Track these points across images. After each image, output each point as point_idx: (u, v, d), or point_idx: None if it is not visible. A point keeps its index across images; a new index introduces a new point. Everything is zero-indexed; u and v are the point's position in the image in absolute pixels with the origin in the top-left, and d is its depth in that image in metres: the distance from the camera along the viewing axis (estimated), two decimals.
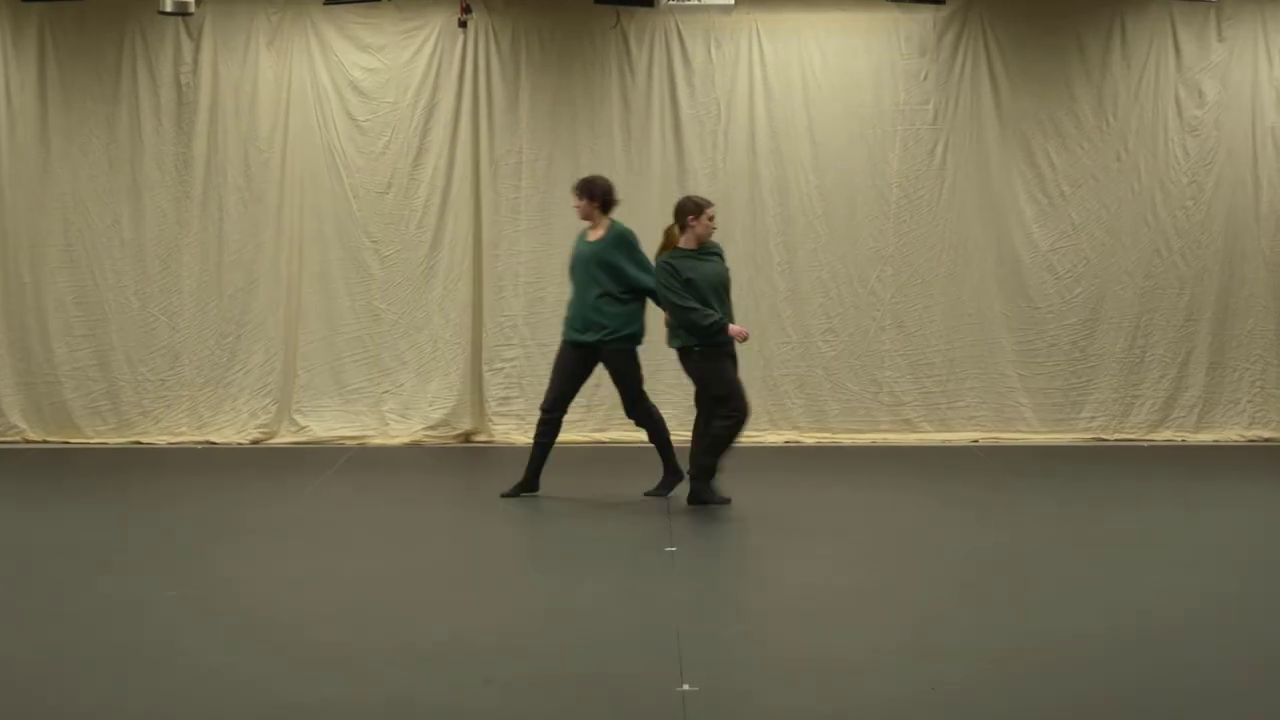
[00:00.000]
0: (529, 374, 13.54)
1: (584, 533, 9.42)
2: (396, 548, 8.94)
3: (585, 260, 10.22)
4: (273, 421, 13.52)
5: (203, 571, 8.22)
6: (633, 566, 8.46)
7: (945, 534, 9.33)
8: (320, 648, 6.65)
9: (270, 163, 13.51)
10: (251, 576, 8.11)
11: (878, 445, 13.50)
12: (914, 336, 13.75)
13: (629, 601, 7.56)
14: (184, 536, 9.23)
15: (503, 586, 7.94)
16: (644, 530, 9.41)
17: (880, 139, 13.66)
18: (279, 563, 8.48)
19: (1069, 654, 6.52)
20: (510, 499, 10.27)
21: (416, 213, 13.55)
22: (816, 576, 8.14)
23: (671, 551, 8.66)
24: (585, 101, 13.62)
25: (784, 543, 9.07)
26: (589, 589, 7.82)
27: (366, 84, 13.53)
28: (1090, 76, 13.65)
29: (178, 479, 11.74)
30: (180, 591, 7.70)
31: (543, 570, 8.55)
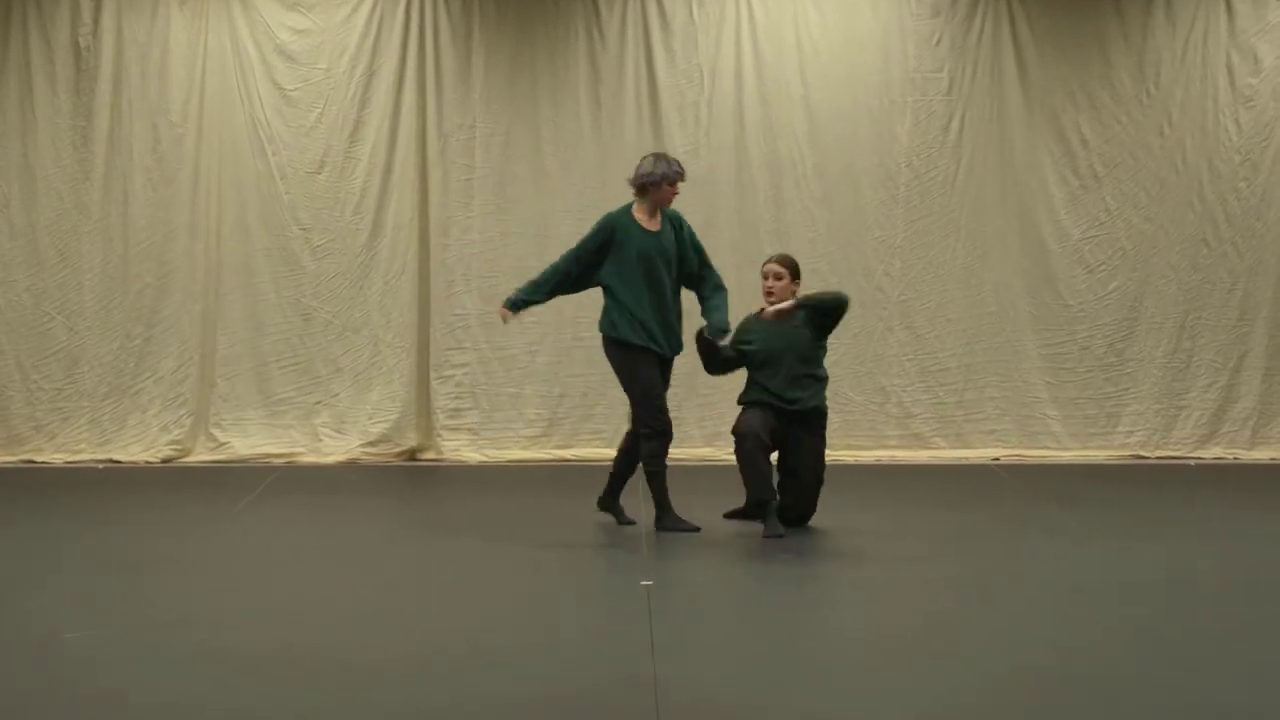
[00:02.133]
0: (484, 382, 13.48)
1: (550, 563, 9.27)
2: (328, 584, 8.76)
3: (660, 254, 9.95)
4: (187, 437, 13.39)
5: (104, 612, 8.02)
6: (604, 603, 8.34)
7: (957, 569, 9.20)
8: (242, 696, 6.46)
9: (184, 139, 13.39)
10: (155, 617, 7.91)
11: (884, 464, 13.47)
12: (926, 339, 13.72)
13: (599, 643, 7.42)
14: (82, 571, 9.03)
15: (453, 633, 7.75)
16: (617, 562, 9.32)
17: (887, 111, 13.62)
18: (189, 601, 8.27)
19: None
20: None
21: (354, 196, 13.45)
22: (810, 616, 8.04)
23: (648, 586, 8.52)
24: (548, 68, 13.55)
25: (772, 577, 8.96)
26: (554, 628, 7.68)
27: (295, 47, 13.43)
28: (1129, 39, 13.65)
29: (76, 504, 11.54)
30: (78, 634, 7.51)
31: (501, 611, 8.37)
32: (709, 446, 13.49)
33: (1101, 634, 7.47)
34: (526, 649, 7.23)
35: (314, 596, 8.42)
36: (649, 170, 9.79)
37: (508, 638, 7.49)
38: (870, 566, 9.24)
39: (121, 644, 7.39)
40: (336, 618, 7.89)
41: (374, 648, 7.27)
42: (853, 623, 7.91)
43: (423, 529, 10.48)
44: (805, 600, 8.42)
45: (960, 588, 8.59)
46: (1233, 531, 10.47)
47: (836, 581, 8.93)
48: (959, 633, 7.57)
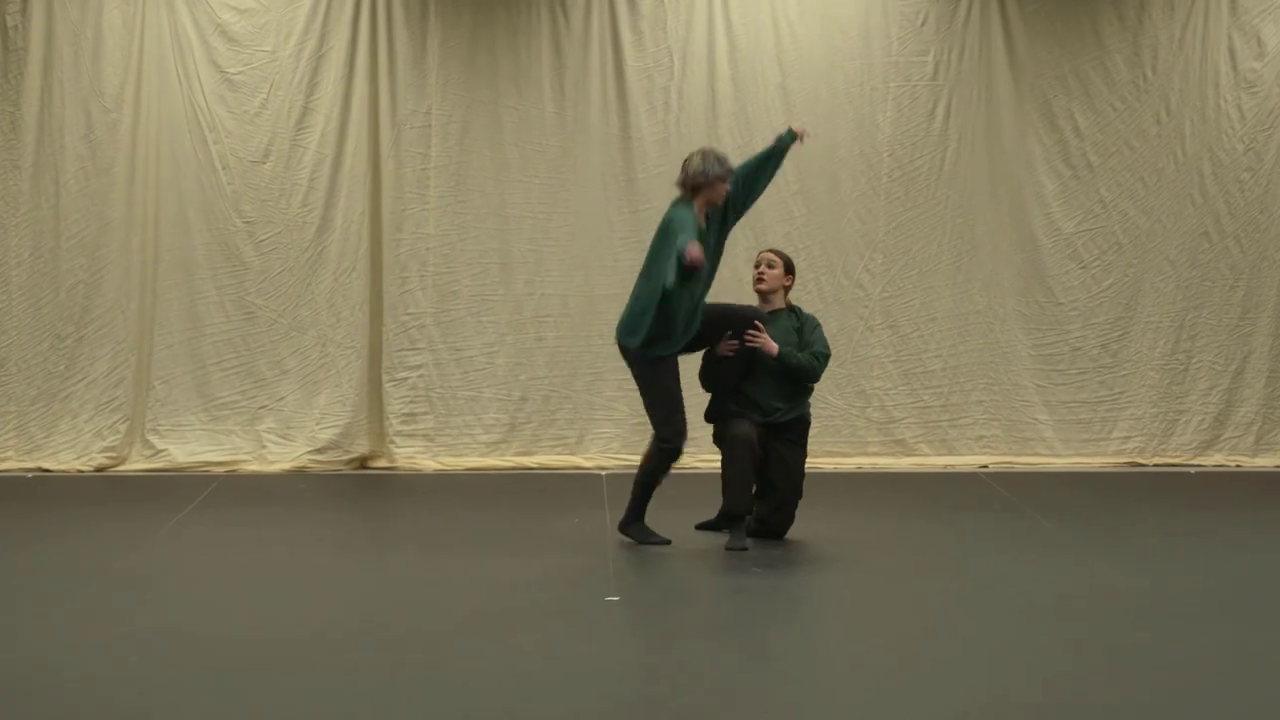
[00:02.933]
0: (439, 385, 13.42)
1: (506, 578, 9.19)
2: (269, 603, 8.68)
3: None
4: (122, 444, 13.28)
5: (26, 631, 7.89)
6: (566, 621, 8.23)
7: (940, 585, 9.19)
8: None
9: (119, 125, 13.27)
10: (80, 639, 7.79)
11: (865, 471, 13.46)
12: (909, 339, 13.69)
13: (563, 665, 7.31)
14: (3, 588, 8.93)
15: (403, 651, 7.64)
16: (579, 575, 9.25)
17: (869, 98, 13.58)
18: (117, 623, 8.18)
19: None
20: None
21: (301, 187, 13.35)
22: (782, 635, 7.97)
23: (613, 601, 8.48)
24: (509, 51, 13.46)
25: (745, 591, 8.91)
26: (513, 648, 7.55)
27: (238, 28, 13.31)
28: (1124, 21, 13.63)
29: (1, 516, 11.46)
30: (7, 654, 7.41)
31: (457, 632, 8.26)
32: None
33: (1091, 656, 7.43)
34: (486, 673, 7.13)
35: (248, 618, 8.33)
36: (700, 168, 9.70)
37: (465, 661, 7.41)
38: (848, 582, 9.24)
39: (44, 666, 7.27)
40: (274, 640, 7.79)
41: (314, 673, 7.16)
42: (828, 642, 7.88)
43: (372, 543, 10.51)
44: (778, 618, 8.37)
45: (943, 605, 8.59)
46: (1235, 545, 10.48)
47: (812, 598, 8.91)
48: (940, 654, 7.53)
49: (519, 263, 13.44)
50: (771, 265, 10.15)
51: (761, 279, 10.10)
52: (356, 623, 8.20)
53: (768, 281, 10.10)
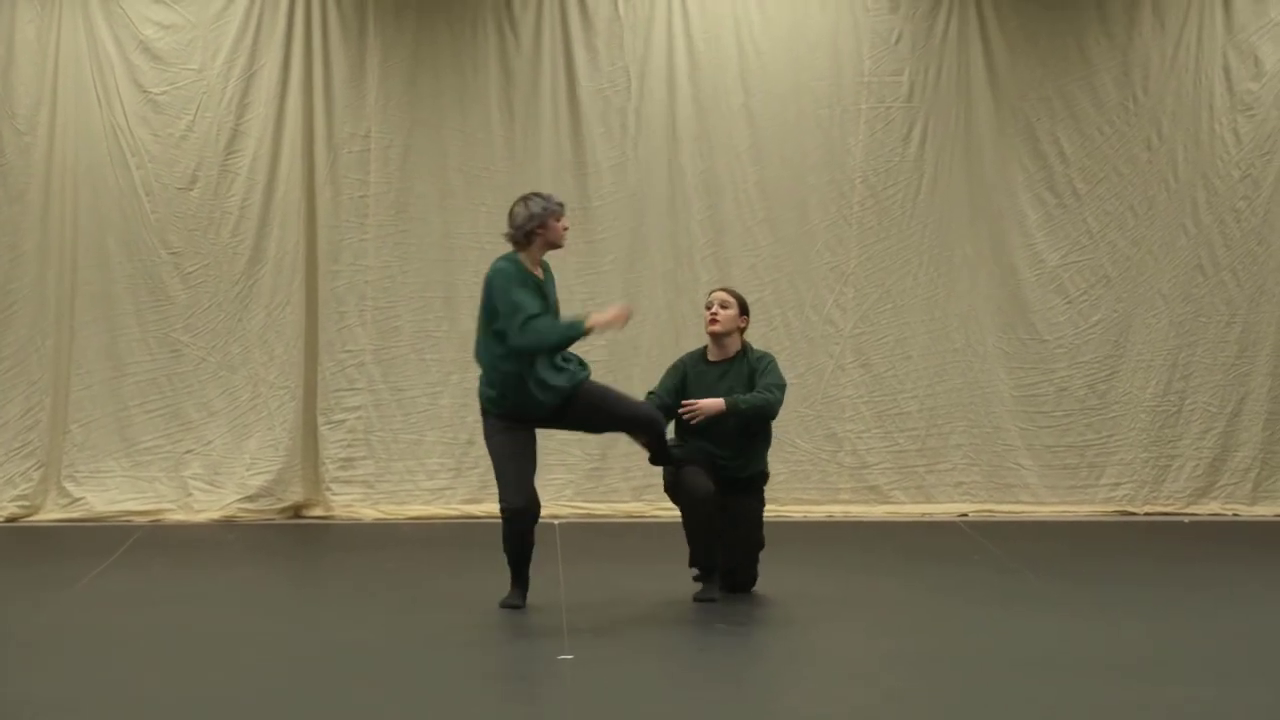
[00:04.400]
0: (379, 428, 13.44)
1: (451, 635, 9.20)
2: (190, 667, 8.63)
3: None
4: (35, 492, 13.28)
5: None
6: (517, 682, 8.28)
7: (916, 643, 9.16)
8: None
9: (33, 149, 13.31)
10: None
11: (836, 520, 13.48)
12: (883, 379, 13.75)
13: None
14: None
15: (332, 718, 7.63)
16: (531, 632, 9.27)
17: (839, 120, 13.65)
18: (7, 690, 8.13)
19: None
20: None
21: (231, 215, 13.39)
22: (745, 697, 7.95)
23: (566, 660, 8.47)
24: (454, 70, 13.53)
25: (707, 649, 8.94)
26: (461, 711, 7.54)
27: (162, 45, 13.35)
28: (1113, 38, 13.74)
29: None
30: None
31: (395, 695, 8.24)
32: (638, 501, 13.44)
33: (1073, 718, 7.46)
34: None
35: (158, 687, 8.24)
36: (526, 213, 9.56)
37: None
38: (816, 639, 9.23)
39: None
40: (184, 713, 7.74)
41: None
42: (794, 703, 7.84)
43: (305, 599, 10.46)
44: (742, 678, 8.38)
45: (916, 665, 8.56)
46: (1231, 599, 10.47)
47: (778, 656, 8.90)
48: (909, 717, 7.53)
49: (464, 296, 13.38)
50: (725, 305, 10.08)
51: (715, 320, 10.05)
52: (276, 687, 8.16)
53: (721, 323, 10.06)
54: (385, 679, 8.39)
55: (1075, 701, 7.69)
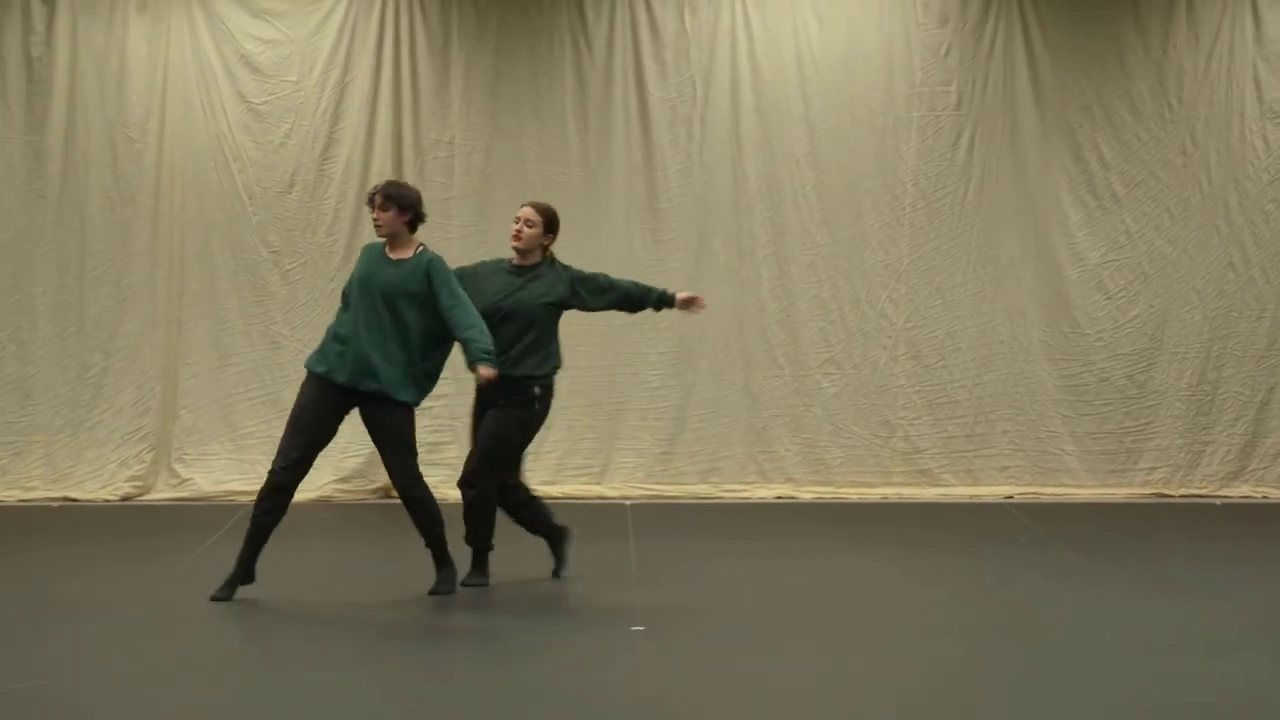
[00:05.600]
0: (463, 415, 13.32)
1: (529, 606, 9.30)
2: (286, 637, 8.78)
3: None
4: (148, 473, 13.38)
5: (54, 662, 8.03)
6: (591, 652, 8.31)
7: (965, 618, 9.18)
8: None
9: (144, 156, 13.39)
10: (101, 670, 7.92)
11: (890, 501, 13.46)
12: (934, 369, 13.73)
13: (583, 695, 7.39)
14: (33, 618, 9.03)
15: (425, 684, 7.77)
16: (605, 606, 9.32)
17: (892, 128, 13.63)
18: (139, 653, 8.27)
19: None
20: None
21: (326, 216, 13.45)
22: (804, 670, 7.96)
23: (638, 632, 8.55)
24: (531, 81, 13.57)
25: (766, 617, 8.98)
26: (537, 676, 7.66)
27: (263, 58, 13.44)
28: (1149, 51, 13.67)
29: (27, 545, 11.55)
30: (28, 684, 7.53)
31: (480, 657, 8.37)
32: (704, 484, 13.50)
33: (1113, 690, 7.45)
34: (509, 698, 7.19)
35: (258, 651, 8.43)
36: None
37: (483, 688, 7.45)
38: (872, 615, 9.21)
39: (68, 696, 7.40)
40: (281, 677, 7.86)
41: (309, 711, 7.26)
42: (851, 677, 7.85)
43: (395, 572, 10.42)
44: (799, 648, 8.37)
45: (969, 639, 8.56)
46: (1262, 577, 10.45)
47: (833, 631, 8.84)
48: (965, 690, 7.55)
49: None
50: (530, 224, 9.85)
51: (517, 237, 9.83)
52: (366, 651, 8.29)
53: (523, 240, 9.84)
54: (466, 646, 8.53)
55: (1113, 673, 7.69)
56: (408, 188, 9.76)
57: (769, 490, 13.52)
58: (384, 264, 9.50)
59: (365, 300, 9.44)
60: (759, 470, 13.57)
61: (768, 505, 13.27)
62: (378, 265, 9.51)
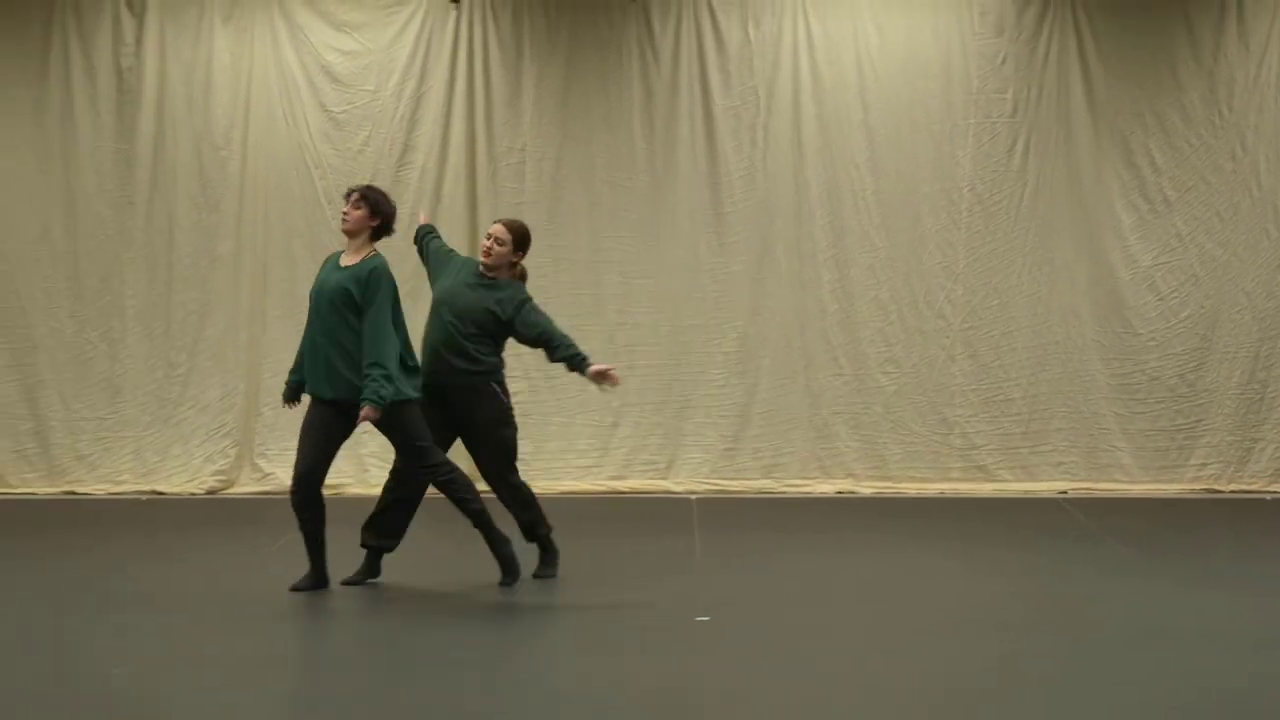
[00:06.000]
0: (535, 412, 13.51)
1: (599, 599, 9.39)
2: (364, 627, 8.91)
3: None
4: (231, 468, 13.56)
5: (147, 648, 8.18)
6: (658, 640, 8.39)
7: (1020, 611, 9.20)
8: None
9: (228, 163, 13.58)
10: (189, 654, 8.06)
11: (947, 496, 13.49)
12: (990, 368, 13.76)
13: (650, 683, 7.53)
14: (124, 606, 9.18)
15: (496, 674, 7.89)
16: (671, 596, 9.38)
17: (949, 134, 13.69)
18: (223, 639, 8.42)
19: None
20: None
21: (401, 222, 13.33)
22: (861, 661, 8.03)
23: (703, 622, 8.62)
24: (600, 90, 13.69)
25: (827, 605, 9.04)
26: (605, 666, 7.81)
27: (342, 69, 13.60)
28: (1200, 60, 13.68)
29: (118, 536, 11.69)
30: (123, 669, 7.69)
31: (548, 646, 8.48)
32: (767, 479, 13.62)
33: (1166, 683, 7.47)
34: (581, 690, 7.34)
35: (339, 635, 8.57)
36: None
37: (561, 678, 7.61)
38: (929, 608, 9.22)
39: (158, 682, 7.57)
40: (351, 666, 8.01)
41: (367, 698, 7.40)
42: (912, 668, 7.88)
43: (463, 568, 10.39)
44: (859, 638, 8.42)
45: (1021, 632, 8.58)
46: None
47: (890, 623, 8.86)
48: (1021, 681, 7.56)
49: (610, 294, 13.61)
50: (500, 243, 9.76)
51: (487, 254, 9.78)
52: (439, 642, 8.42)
53: (493, 258, 9.77)
54: (532, 636, 8.62)
55: (1161, 666, 7.72)
56: (386, 198, 9.60)
57: (830, 485, 13.62)
58: (334, 271, 9.36)
59: (317, 309, 9.30)
60: (820, 466, 13.66)
61: (828, 500, 13.34)
62: (329, 272, 9.37)
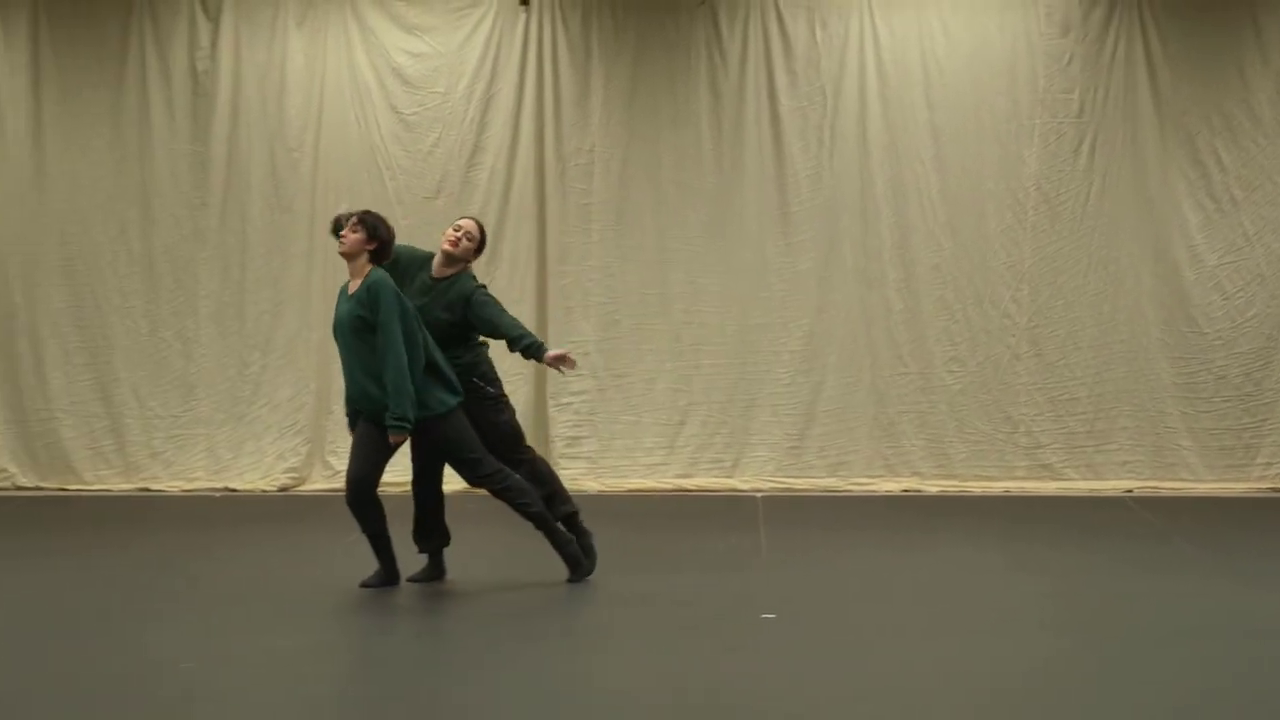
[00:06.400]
0: (601, 410, 13.60)
1: (665, 595, 9.42)
2: (427, 623, 9.01)
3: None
4: (303, 465, 13.68)
5: (218, 643, 8.27)
6: (723, 637, 8.41)
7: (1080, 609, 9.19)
8: None
9: (301, 164, 13.69)
10: (263, 646, 8.14)
11: (1012, 495, 13.46)
12: (1055, 367, 13.73)
13: (715, 681, 7.56)
14: (196, 601, 9.28)
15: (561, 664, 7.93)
16: (736, 593, 9.41)
17: (1015, 134, 13.66)
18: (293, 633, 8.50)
19: None
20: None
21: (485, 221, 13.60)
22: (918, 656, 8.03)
23: (768, 619, 8.65)
24: (668, 91, 13.72)
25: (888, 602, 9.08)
26: (672, 662, 7.85)
27: (413, 71, 13.68)
28: (1268, 60, 13.61)
29: (191, 533, 11.80)
30: (194, 663, 7.76)
31: (612, 643, 8.51)
32: (832, 477, 13.61)
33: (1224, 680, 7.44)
34: (644, 686, 7.39)
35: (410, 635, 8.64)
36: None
37: (631, 673, 7.66)
38: (988, 605, 9.22)
39: (228, 676, 7.64)
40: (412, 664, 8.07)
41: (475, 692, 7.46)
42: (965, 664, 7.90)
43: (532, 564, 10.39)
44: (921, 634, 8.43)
45: (1081, 630, 8.56)
46: None
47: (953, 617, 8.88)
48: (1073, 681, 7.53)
49: (677, 293, 13.64)
50: (470, 237, 9.75)
51: (455, 244, 9.70)
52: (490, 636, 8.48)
53: (459, 249, 9.72)
54: (599, 635, 8.66)
55: (1225, 663, 7.69)
56: (383, 222, 9.48)
57: (895, 484, 13.61)
58: (344, 301, 9.40)
59: (340, 341, 9.39)
60: (885, 464, 13.66)
61: (894, 498, 13.35)
62: (341, 303, 9.41)
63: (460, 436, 9.48)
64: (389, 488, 9.76)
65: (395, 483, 10.53)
